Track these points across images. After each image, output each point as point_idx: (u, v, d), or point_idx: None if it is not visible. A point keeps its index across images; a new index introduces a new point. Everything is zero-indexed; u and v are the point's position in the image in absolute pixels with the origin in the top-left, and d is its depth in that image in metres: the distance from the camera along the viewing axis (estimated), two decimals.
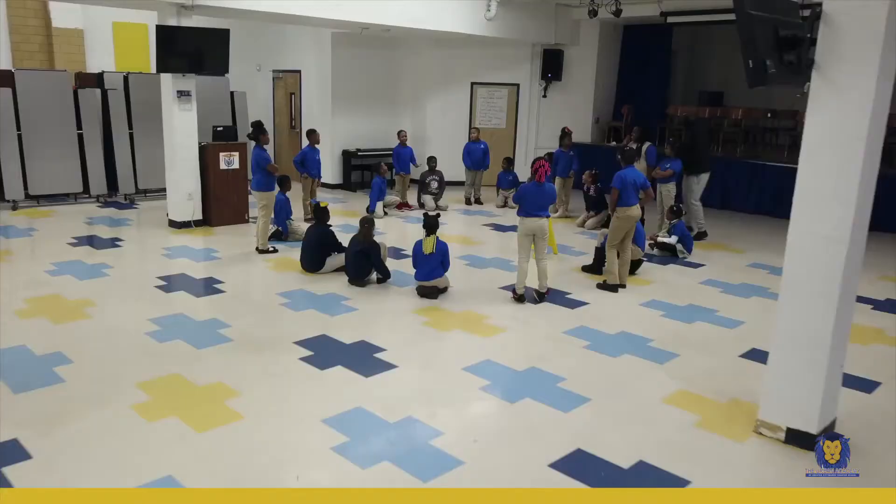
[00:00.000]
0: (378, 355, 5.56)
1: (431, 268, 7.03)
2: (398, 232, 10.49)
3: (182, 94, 9.63)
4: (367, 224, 7.48)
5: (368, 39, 13.69)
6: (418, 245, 7.12)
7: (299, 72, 14.32)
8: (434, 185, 12.13)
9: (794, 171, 4.41)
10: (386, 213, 11.50)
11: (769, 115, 14.27)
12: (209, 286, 7.30)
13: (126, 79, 11.87)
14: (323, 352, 5.60)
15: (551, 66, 14.44)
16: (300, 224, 9.59)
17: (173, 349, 5.60)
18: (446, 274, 7.23)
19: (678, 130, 14.51)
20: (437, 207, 12.07)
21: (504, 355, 5.66)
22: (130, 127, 11.84)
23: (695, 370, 5.51)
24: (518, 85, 14.68)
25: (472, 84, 14.61)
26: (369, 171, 13.82)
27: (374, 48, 14.02)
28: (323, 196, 12.72)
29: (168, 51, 9.19)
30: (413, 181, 12.85)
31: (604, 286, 7.59)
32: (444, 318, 6.53)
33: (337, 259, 7.87)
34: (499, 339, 6.03)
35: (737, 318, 6.76)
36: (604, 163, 13.97)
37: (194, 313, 6.43)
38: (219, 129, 10.22)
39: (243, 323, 6.24)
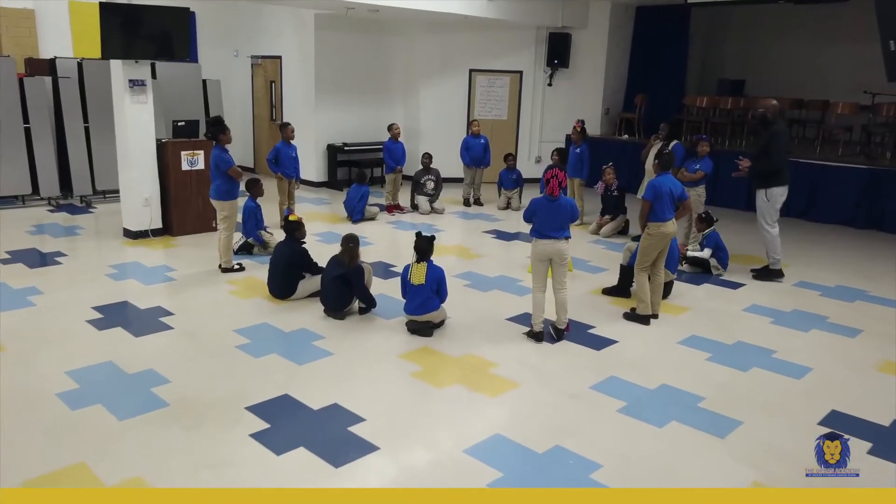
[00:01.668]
0: (354, 429, 4.27)
1: (424, 298, 5.73)
2: (388, 241, 9.18)
3: (135, 84, 8.27)
4: (352, 243, 6.16)
5: (355, 22, 12.33)
6: (407, 271, 5.82)
7: (280, 58, 12.94)
8: (430, 185, 10.82)
9: (828, 169, 3.11)
10: (374, 218, 10.21)
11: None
12: (154, 320, 5.99)
13: (80, 65, 10.50)
14: (283, 423, 4.32)
15: (557, 51, 13.10)
16: (279, 234, 8.26)
17: (88, 420, 4.30)
18: (443, 305, 5.93)
19: (691, 123, 13.18)
20: (433, 210, 10.79)
21: (518, 426, 4.37)
22: (86, 120, 10.51)
23: (766, 447, 4.24)
24: (521, 72, 13.33)
25: (471, 71, 13.24)
26: (357, 168, 12.54)
27: (362, 32, 12.65)
28: (305, 196, 11.47)
29: (116, 33, 7.83)
30: (406, 178, 11.53)
31: (633, 316, 6.32)
32: (439, 367, 5.24)
33: (311, 283, 6.57)
34: (510, 400, 4.74)
35: (801, 363, 5.49)
36: (615, 158, 12.78)
37: (127, 362, 5.12)
38: (180, 123, 8.87)
39: (186, 376, 4.94)
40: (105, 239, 8.69)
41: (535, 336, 5.73)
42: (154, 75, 11.35)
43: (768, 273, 7.62)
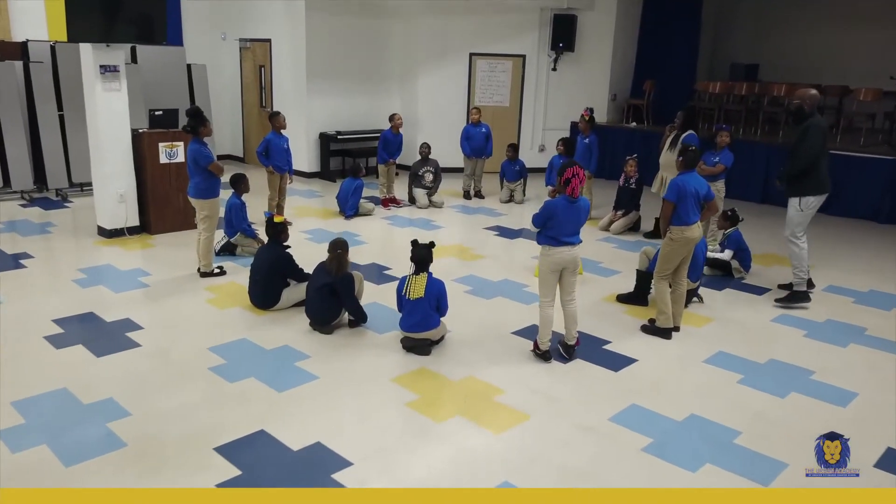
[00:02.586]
0: (338, 476, 3.67)
1: (423, 315, 5.10)
2: (383, 240, 8.55)
3: (107, 70, 7.60)
4: (340, 249, 5.52)
5: (348, 3, 11.64)
6: (403, 283, 5.20)
7: (269, 41, 12.24)
8: (429, 177, 10.17)
9: (850, 159, 2.52)
10: (370, 213, 9.57)
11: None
12: (120, 335, 5.37)
13: (53, 49, 9.82)
14: (256, 469, 3.71)
15: (562, 34, 12.39)
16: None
17: (28, 466, 3.69)
18: (443, 319, 5.31)
19: (703, 111, 12.51)
20: (431, 203, 10.17)
21: (529, 473, 3.77)
22: (60, 108, 9.84)
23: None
24: (524, 56, 12.62)
25: (471, 55, 12.54)
26: (351, 158, 11.90)
27: (356, 13, 11.94)
28: (295, 188, 10.84)
29: (83, 13, 7.17)
30: (402, 167, 10.89)
31: (652, 329, 5.71)
32: (437, 394, 4.63)
33: (296, 291, 5.96)
34: (518, 437, 4.14)
35: (844, 387, 4.89)
36: (623, 147, 12.17)
37: (84, 388, 4.52)
38: (157, 112, 8.21)
39: (150, 407, 4.33)
40: (78, 238, 8.07)
41: (543, 356, 5.12)
42: (135, 59, 10.71)
43: (794, 297, 6.44)
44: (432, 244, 5.18)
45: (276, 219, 6.07)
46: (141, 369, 4.86)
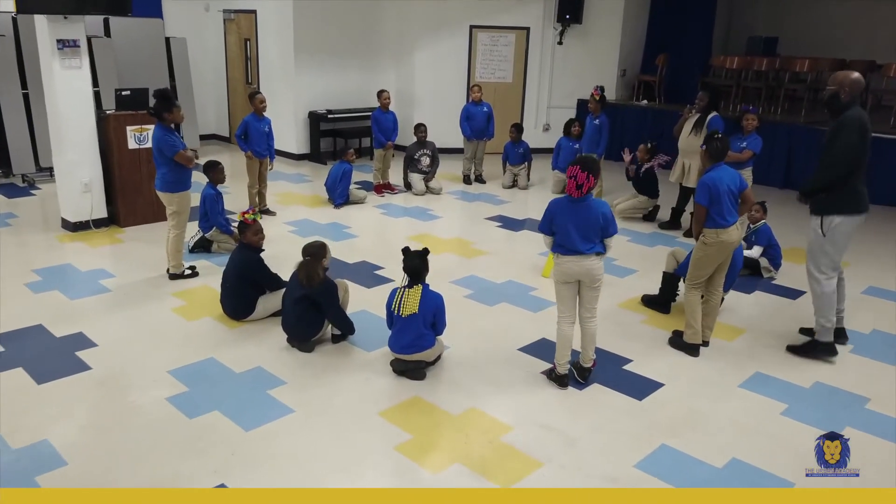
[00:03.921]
0: None
1: (416, 334, 4.38)
2: (376, 233, 7.82)
3: (66, 45, 6.81)
4: (310, 256, 4.78)
5: None
6: (393, 297, 4.48)
7: (254, 12, 11.38)
8: (425, 160, 9.40)
9: (879, 142, 1.89)
10: (362, 202, 8.83)
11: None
12: (69, 356, 4.67)
13: (15, 21, 9.01)
14: None
15: (569, 5, 11.58)
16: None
17: None
18: (440, 337, 4.61)
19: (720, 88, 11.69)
20: (428, 189, 9.43)
21: None
22: (24, 86, 9.06)
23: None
24: (528, 29, 11.77)
25: (472, 28, 11.68)
26: (342, 139, 11.15)
27: None
28: (282, 172, 10.11)
29: None
30: (399, 148, 10.13)
31: (679, 344, 5.01)
32: (433, 434, 3.93)
33: (273, 300, 5.24)
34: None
35: None
36: (633, 127, 11.45)
37: (15, 428, 3.82)
38: (124, 93, 7.43)
39: (89, 453, 3.63)
40: (40, 231, 7.34)
41: (559, 380, 4.42)
42: (108, 33, 9.92)
43: (814, 348, 4.94)
44: (426, 251, 4.45)
45: (247, 216, 5.31)
46: (86, 401, 4.16)
